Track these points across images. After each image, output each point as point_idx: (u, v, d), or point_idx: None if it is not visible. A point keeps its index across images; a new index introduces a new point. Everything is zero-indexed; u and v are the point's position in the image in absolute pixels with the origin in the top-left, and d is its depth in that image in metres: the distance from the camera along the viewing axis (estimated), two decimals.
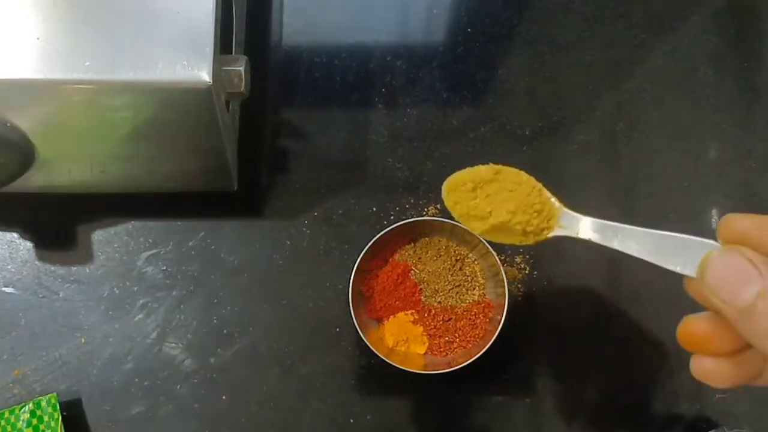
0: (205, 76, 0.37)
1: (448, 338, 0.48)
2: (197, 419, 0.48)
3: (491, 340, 0.45)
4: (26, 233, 0.51)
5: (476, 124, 0.54)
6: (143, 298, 0.50)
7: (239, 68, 0.41)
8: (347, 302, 0.46)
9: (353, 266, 0.46)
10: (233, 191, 0.51)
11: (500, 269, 0.46)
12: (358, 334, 0.45)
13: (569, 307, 0.51)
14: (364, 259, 0.46)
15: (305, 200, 0.52)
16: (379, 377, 0.49)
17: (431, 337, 0.48)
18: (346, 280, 0.47)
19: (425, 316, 0.48)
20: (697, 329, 0.26)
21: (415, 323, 0.48)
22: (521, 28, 0.57)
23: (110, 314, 0.49)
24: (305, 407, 0.49)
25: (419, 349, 0.48)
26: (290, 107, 0.54)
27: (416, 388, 0.49)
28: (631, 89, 0.55)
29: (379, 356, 0.45)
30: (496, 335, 0.45)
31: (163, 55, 0.37)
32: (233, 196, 0.51)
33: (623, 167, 0.54)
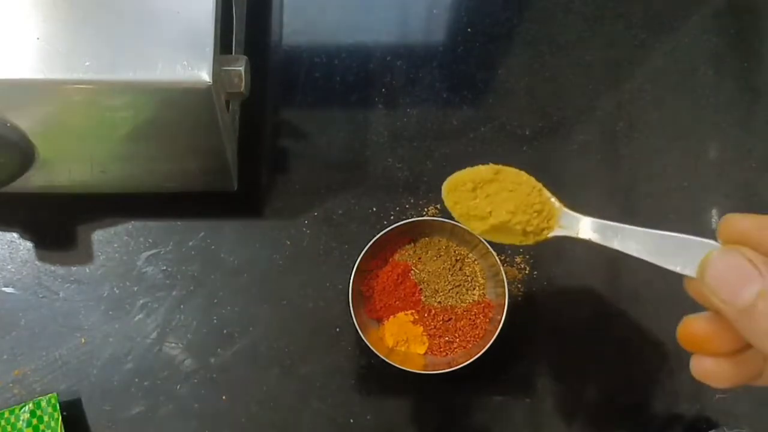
0: (205, 76, 0.37)
1: (448, 338, 0.48)
2: (197, 419, 0.48)
3: (491, 340, 0.45)
4: (26, 233, 0.51)
5: (476, 124, 0.54)
6: (143, 298, 0.50)
7: (239, 68, 0.41)
8: (347, 302, 0.46)
9: (353, 266, 0.46)
10: (233, 191, 0.51)
11: (500, 269, 0.45)
12: (358, 334, 0.45)
13: (569, 307, 0.51)
14: (364, 259, 0.46)
15: (305, 200, 0.52)
16: (379, 377, 0.49)
17: (431, 337, 0.48)
18: (346, 280, 0.47)
19: (425, 316, 0.48)
20: (697, 329, 0.26)
21: (415, 323, 0.48)
22: (521, 28, 0.57)
23: (110, 314, 0.49)
24: (305, 407, 0.49)
25: (419, 349, 0.48)
26: (290, 107, 0.54)
27: (416, 388, 0.49)
28: (631, 89, 0.55)
29: (379, 356, 0.45)
30: (496, 335, 0.45)
31: (163, 55, 0.37)
32: (233, 196, 0.51)
33: (623, 167, 0.54)
